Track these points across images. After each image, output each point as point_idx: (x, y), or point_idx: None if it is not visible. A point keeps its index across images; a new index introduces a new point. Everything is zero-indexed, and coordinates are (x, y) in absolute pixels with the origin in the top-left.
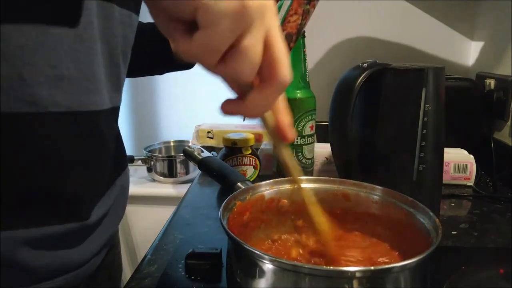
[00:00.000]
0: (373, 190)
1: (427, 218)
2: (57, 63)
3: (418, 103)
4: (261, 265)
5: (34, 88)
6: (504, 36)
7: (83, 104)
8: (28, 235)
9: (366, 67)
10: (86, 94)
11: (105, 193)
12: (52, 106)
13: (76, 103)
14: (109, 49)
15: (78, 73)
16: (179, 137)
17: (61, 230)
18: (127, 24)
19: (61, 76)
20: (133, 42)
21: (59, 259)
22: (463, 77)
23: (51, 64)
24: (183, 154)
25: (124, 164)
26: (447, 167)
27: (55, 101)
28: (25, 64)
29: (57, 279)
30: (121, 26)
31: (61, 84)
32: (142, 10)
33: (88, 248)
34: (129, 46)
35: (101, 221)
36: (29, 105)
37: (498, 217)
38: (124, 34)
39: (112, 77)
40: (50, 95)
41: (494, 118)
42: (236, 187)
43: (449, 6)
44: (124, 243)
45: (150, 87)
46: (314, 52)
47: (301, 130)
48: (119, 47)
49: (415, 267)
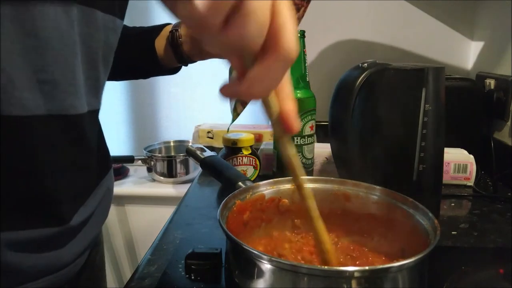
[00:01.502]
0: (373, 191)
1: (427, 218)
2: (44, 68)
3: (418, 103)
4: (259, 265)
5: (21, 91)
6: (504, 36)
7: (64, 108)
8: (12, 238)
9: (366, 67)
10: (68, 98)
11: (89, 196)
12: (37, 110)
13: (58, 106)
14: (89, 54)
15: (62, 77)
16: (179, 137)
17: (44, 233)
18: (110, 29)
19: (46, 80)
20: (117, 46)
21: (43, 260)
22: (463, 77)
23: (38, 68)
24: (186, 153)
25: (108, 166)
26: (447, 167)
27: (39, 105)
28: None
29: (41, 280)
30: (104, 31)
31: (45, 88)
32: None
33: (72, 249)
34: (111, 50)
35: (85, 223)
36: (16, 108)
37: (498, 217)
38: (106, 39)
39: (90, 80)
40: (35, 98)
41: (494, 118)
42: (237, 186)
43: (449, 6)
44: (124, 243)
45: (150, 87)
46: (314, 52)
47: (301, 130)
48: (100, 51)
49: (413, 267)
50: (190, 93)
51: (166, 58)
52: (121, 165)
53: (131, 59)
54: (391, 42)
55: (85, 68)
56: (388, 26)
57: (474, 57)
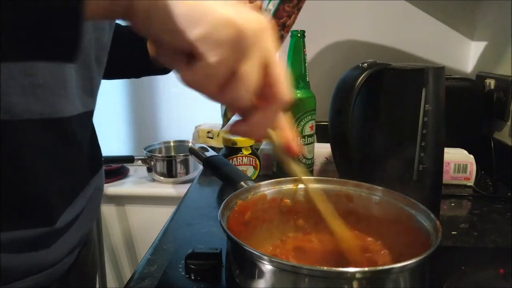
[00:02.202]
0: (374, 191)
1: (428, 219)
2: (34, 72)
3: (418, 103)
4: (260, 265)
5: (10, 96)
6: (504, 36)
7: (55, 111)
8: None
9: (366, 67)
10: (59, 101)
11: (77, 196)
12: (27, 114)
13: (49, 110)
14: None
15: (53, 80)
16: (179, 137)
17: (31, 234)
18: (101, 29)
19: (37, 84)
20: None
21: (30, 260)
22: (463, 77)
23: (28, 73)
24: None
25: (99, 164)
26: (447, 167)
27: (29, 109)
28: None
29: (28, 279)
30: (94, 31)
31: (37, 92)
32: None
33: (60, 249)
34: (103, 49)
35: (73, 222)
36: (4, 113)
37: (498, 217)
38: (97, 38)
39: (84, 81)
40: (26, 103)
41: (494, 118)
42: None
43: (449, 6)
44: (124, 243)
45: (150, 87)
46: (314, 52)
47: (301, 130)
48: (92, 52)
49: (414, 268)
50: (190, 93)
51: None
52: (121, 165)
53: (123, 58)
54: (391, 42)
55: (78, 70)
56: (388, 26)
57: (474, 57)
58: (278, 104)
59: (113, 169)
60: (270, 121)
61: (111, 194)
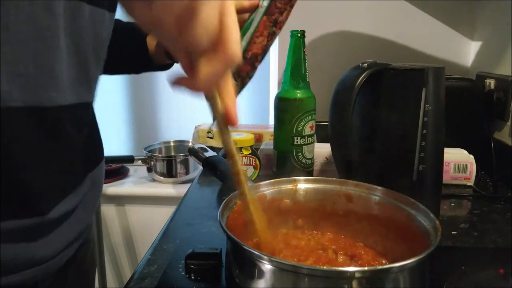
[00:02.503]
0: (374, 191)
1: (428, 219)
2: (17, 60)
3: (418, 103)
4: (259, 265)
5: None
6: (504, 36)
7: (42, 100)
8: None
9: (366, 67)
10: (45, 90)
11: (73, 189)
12: (11, 101)
13: (35, 98)
14: (76, 47)
15: (37, 70)
16: (179, 137)
17: (20, 225)
18: (99, 22)
19: (20, 72)
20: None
21: (25, 252)
22: (463, 77)
23: (11, 61)
24: (188, 152)
25: (99, 158)
26: (447, 167)
27: (13, 97)
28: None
29: (23, 272)
30: (92, 24)
31: (20, 80)
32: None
33: (54, 242)
34: (101, 43)
35: (69, 215)
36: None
37: (498, 217)
38: (95, 32)
39: (80, 73)
40: (9, 90)
41: (494, 118)
42: None
43: (449, 6)
44: (124, 243)
45: (150, 87)
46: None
47: (301, 130)
48: (89, 44)
49: (414, 267)
50: None
51: (157, 54)
52: (121, 165)
53: (123, 54)
54: (391, 42)
55: (73, 61)
56: (388, 26)
57: (474, 57)
58: (227, 59)
59: (113, 169)
60: (216, 76)
61: (111, 194)
